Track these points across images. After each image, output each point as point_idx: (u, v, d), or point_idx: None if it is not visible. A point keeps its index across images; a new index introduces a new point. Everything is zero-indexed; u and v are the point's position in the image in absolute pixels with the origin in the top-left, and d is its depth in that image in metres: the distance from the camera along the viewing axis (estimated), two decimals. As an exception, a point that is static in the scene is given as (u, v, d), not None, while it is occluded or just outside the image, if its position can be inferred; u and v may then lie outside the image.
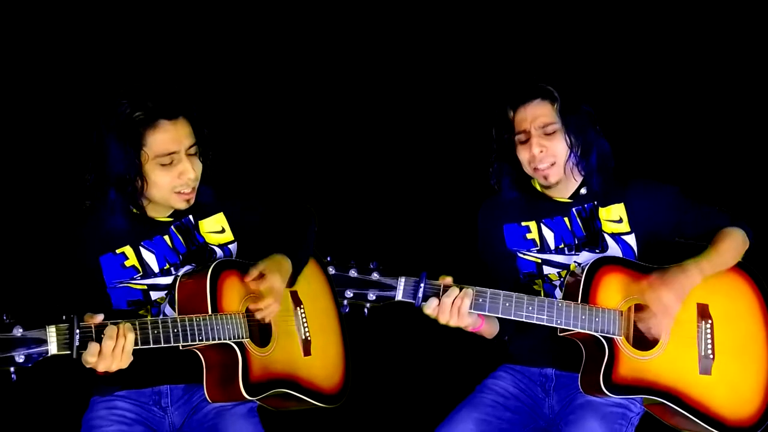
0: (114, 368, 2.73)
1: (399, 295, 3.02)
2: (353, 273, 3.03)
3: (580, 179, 3.28)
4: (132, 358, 2.75)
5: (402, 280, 3.02)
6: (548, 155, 3.20)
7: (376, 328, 3.08)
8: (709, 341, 3.18)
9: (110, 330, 2.70)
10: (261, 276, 2.99)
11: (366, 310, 3.04)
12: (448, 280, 3.06)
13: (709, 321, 3.19)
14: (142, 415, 3.05)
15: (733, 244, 3.22)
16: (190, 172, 2.98)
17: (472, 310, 3.04)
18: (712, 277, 3.17)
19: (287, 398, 3.10)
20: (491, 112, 3.29)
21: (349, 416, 3.44)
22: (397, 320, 3.12)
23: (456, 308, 3.02)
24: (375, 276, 3.02)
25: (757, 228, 3.30)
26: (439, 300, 3.02)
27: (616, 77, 3.99)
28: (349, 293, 3.03)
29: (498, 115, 3.26)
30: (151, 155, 2.94)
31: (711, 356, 3.17)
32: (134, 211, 3.02)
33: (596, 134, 3.24)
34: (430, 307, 3.03)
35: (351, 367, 3.28)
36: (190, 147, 2.99)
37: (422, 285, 3.01)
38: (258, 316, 2.99)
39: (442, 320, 3.05)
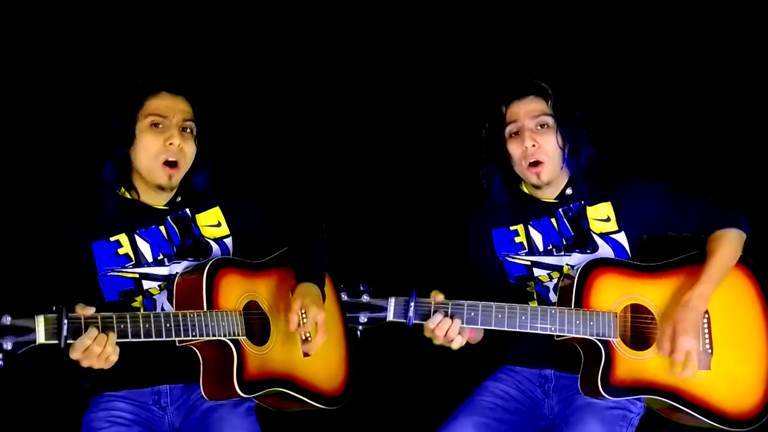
0: (96, 367, 2.77)
1: (390, 316, 3.03)
2: (344, 296, 3.04)
3: (566, 180, 3.26)
4: (114, 362, 2.78)
5: (392, 301, 3.02)
6: (539, 151, 3.18)
7: (376, 329, 3.07)
8: (707, 336, 3.17)
9: (91, 332, 2.73)
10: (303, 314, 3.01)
11: (359, 333, 3.04)
12: (440, 297, 3.04)
13: (705, 315, 3.17)
14: (141, 415, 3.06)
15: (729, 248, 3.19)
16: (175, 138, 3.03)
17: (464, 325, 3.04)
18: None
19: (286, 398, 3.10)
20: (483, 108, 3.28)
21: (348, 418, 3.46)
22: (396, 323, 3.12)
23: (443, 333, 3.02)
24: (365, 298, 3.03)
25: (752, 219, 3.27)
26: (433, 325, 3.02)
27: (602, 74, 3.97)
28: (340, 317, 3.04)
29: (490, 111, 3.25)
30: (144, 114, 3.02)
31: (709, 351, 3.16)
32: (128, 196, 3.07)
33: (585, 138, 3.23)
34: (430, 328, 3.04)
35: (354, 369, 3.28)
36: (184, 122, 3.06)
37: (412, 304, 3.01)
38: (308, 352, 3.05)
39: (437, 342, 3.07)
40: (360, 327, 3.04)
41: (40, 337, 2.66)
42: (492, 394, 3.25)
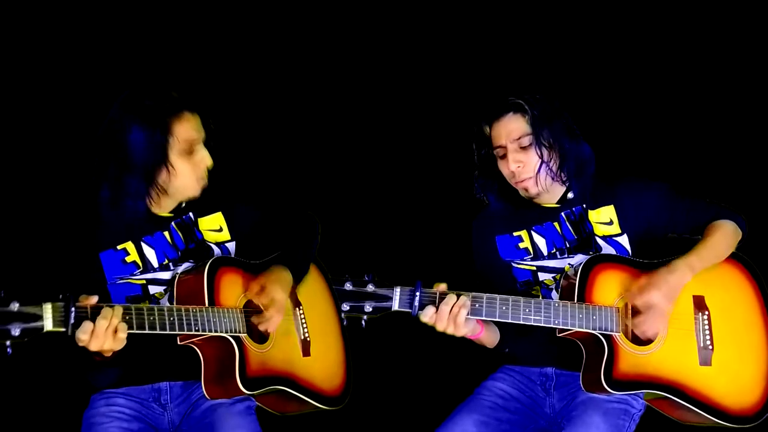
0: (107, 347, 2.76)
1: (395, 305, 3.03)
2: (348, 286, 3.04)
3: (565, 185, 3.30)
4: (125, 342, 2.78)
5: (397, 290, 3.03)
6: (525, 170, 3.22)
7: (375, 330, 3.09)
8: (707, 332, 3.19)
9: (106, 311, 2.75)
10: (262, 289, 3.03)
11: (363, 322, 3.04)
12: (443, 287, 3.06)
13: (706, 312, 3.20)
14: (141, 412, 3.06)
15: (723, 236, 3.23)
16: (208, 159, 3.07)
17: (469, 317, 3.06)
18: (706, 269, 3.19)
19: (287, 398, 3.11)
20: (470, 128, 3.33)
21: (347, 418, 3.45)
22: (396, 322, 3.13)
23: (453, 316, 3.03)
24: (370, 288, 3.03)
25: (750, 219, 3.31)
26: (437, 308, 3.03)
27: (600, 76, 4.03)
28: (345, 306, 3.03)
29: (476, 132, 3.30)
30: (177, 141, 3.02)
31: (710, 347, 3.18)
32: None
33: (573, 141, 3.25)
34: (427, 315, 3.04)
35: (352, 370, 3.29)
36: (204, 140, 3.09)
37: (418, 293, 3.02)
38: (261, 328, 3.03)
39: (440, 328, 3.05)
40: (365, 317, 3.03)
41: (48, 325, 2.66)
42: (492, 393, 3.25)
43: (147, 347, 2.92)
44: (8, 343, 2.62)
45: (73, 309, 2.70)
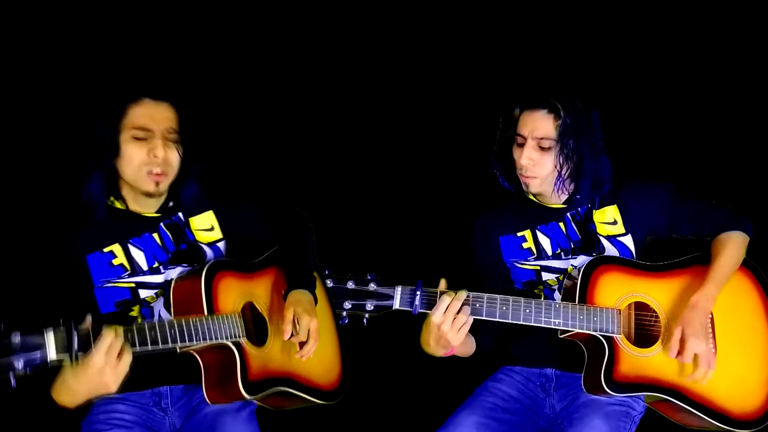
0: (112, 379, 2.72)
1: (396, 304, 3.03)
2: (351, 285, 3.04)
3: (573, 188, 3.29)
4: (123, 377, 2.75)
5: (398, 289, 3.03)
6: (534, 169, 3.22)
7: (375, 330, 3.09)
8: (710, 336, 3.17)
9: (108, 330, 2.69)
10: (296, 320, 3.05)
11: (365, 321, 3.05)
12: (443, 285, 3.06)
13: (709, 315, 3.17)
14: (142, 417, 3.06)
15: (733, 251, 3.21)
16: (159, 150, 2.99)
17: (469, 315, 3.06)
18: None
19: (286, 397, 3.12)
20: (503, 108, 3.31)
21: (348, 419, 3.45)
22: (396, 323, 3.14)
23: (452, 313, 3.03)
24: (372, 286, 3.04)
25: (755, 221, 3.30)
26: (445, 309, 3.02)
27: (608, 75, 4.00)
28: (347, 305, 3.04)
29: (506, 112, 3.28)
30: (128, 126, 2.98)
31: (712, 351, 3.15)
32: (117, 205, 3.05)
33: (595, 160, 3.22)
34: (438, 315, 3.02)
35: (348, 362, 3.31)
36: (170, 132, 3.03)
37: (418, 293, 3.03)
38: (297, 356, 3.08)
39: (445, 328, 3.03)
40: (366, 315, 3.04)
41: (51, 353, 2.62)
42: (492, 395, 3.26)
43: (147, 353, 2.88)
44: (11, 374, 2.58)
45: (75, 334, 2.64)
